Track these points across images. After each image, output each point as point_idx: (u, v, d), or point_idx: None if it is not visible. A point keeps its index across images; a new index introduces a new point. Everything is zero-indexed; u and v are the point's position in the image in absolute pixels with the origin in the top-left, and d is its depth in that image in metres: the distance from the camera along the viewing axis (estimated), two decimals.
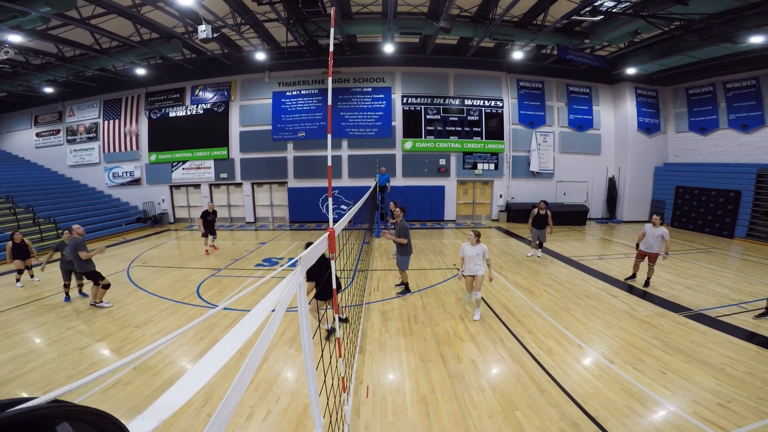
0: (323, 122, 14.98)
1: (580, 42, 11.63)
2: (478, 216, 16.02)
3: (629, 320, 5.52)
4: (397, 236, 6.36)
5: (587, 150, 15.67)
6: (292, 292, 1.61)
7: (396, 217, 6.78)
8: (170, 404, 0.73)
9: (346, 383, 3.31)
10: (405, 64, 14.71)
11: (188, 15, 10.28)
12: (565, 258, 9.38)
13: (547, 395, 3.73)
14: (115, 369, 0.72)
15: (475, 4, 10.73)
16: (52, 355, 4.70)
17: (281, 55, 13.83)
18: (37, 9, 8.04)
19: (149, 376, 4.14)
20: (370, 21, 11.38)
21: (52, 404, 0.46)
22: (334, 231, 2.48)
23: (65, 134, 17.04)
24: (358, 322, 5.43)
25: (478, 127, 15.13)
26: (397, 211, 6.74)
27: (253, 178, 15.66)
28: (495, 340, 4.95)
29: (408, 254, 6.51)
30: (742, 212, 12.06)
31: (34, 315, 6.09)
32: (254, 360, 1.08)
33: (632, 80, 14.88)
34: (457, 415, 3.45)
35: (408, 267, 6.72)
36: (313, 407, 2.02)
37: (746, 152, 12.77)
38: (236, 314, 5.84)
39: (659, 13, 9.18)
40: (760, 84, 12.29)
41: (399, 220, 6.61)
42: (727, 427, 3.21)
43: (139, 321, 5.76)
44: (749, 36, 9.54)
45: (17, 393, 3.94)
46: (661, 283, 7.23)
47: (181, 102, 15.68)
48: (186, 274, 8.35)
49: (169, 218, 16.50)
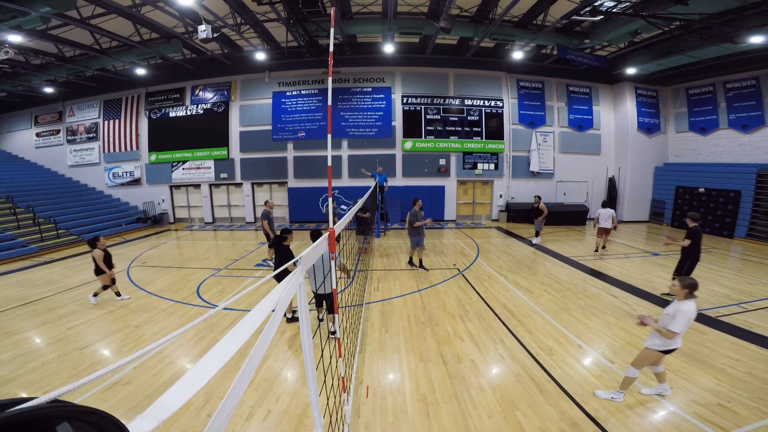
0: (323, 122, 14.97)
1: (580, 42, 11.63)
2: (478, 216, 16.03)
3: (629, 320, 5.52)
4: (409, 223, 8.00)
5: (587, 150, 15.67)
6: (292, 292, 1.61)
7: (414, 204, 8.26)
8: (170, 404, 0.73)
9: (346, 383, 3.31)
10: (405, 64, 14.71)
11: (188, 15, 10.28)
12: (565, 258, 9.38)
13: (547, 395, 3.73)
14: (115, 369, 0.72)
15: (475, 4, 10.72)
16: (52, 355, 4.70)
17: (281, 55, 13.83)
18: (37, 9, 8.04)
19: (149, 376, 4.14)
20: (370, 21, 11.38)
21: (52, 404, 0.46)
22: (334, 231, 2.48)
23: (65, 134, 17.04)
24: (358, 322, 5.43)
25: (478, 127, 15.13)
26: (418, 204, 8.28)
27: (253, 178, 15.66)
28: (495, 340, 4.95)
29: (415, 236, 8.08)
30: (742, 212, 12.05)
31: (34, 315, 6.09)
32: (254, 360, 1.08)
33: (632, 80, 14.88)
34: (457, 415, 3.45)
35: (414, 246, 8.24)
36: (313, 407, 2.02)
37: (746, 152, 12.77)
38: (236, 314, 5.84)
39: (659, 13, 9.18)
40: (760, 84, 12.29)
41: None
42: (727, 427, 3.21)
43: (139, 321, 5.76)
44: (749, 36, 9.54)
45: (17, 393, 3.94)
46: (661, 284, 7.23)
47: (181, 102, 15.68)
48: (186, 274, 8.35)
49: (169, 218, 16.49)
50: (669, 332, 3.16)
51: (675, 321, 3.14)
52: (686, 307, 3.15)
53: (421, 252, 8.28)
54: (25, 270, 9.10)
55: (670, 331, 3.16)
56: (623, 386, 3.56)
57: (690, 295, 3.22)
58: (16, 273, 8.86)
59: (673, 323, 3.15)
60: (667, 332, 3.17)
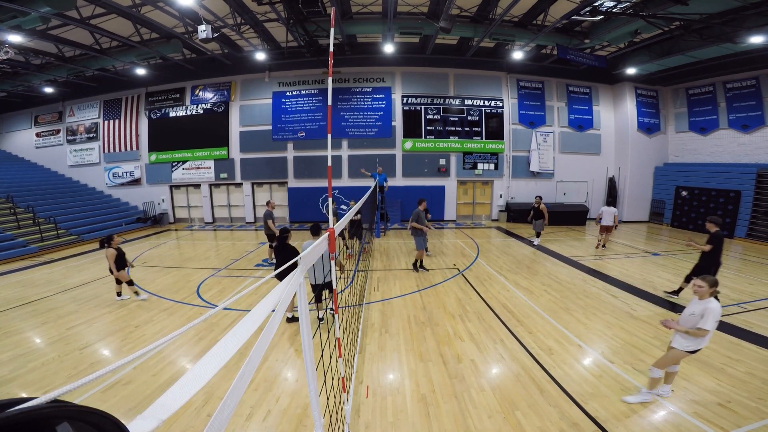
0: (323, 122, 14.98)
1: (580, 42, 11.63)
2: (478, 216, 16.03)
3: (629, 320, 5.52)
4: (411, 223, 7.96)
5: (587, 150, 15.67)
6: (292, 292, 1.61)
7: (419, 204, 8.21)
8: (170, 404, 0.73)
9: (346, 383, 3.31)
10: (405, 64, 14.71)
11: (188, 15, 10.28)
12: (565, 258, 9.38)
13: (547, 395, 3.73)
14: (115, 369, 0.72)
15: (475, 4, 10.72)
16: (52, 355, 4.70)
17: (281, 55, 13.83)
18: (37, 9, 8.04)
19: (149, 376, 4.14)
20: (370, 21, 11.38)
21: (52, 404, 0.46)
22: (334, 231, 2.48)
23: (65, 134, 17.04)
24: (358, 322, 5.43)
25: (478, 127, 15.13)
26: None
27: (253, 178, 15.66)
28: (495, 340, 4.95)
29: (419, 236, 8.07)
30: (742, 212, 12.05)
31: (34, 315, 6.09)
32: (254, 360, 1.08)
33: (632, 80, 14.88)
34: (457, 415, 3.45)
35: (420, 248, 8.15)
36: (313, 407, 2.02)
37: (746, 152, 12.77)
38: (236, 314, 5.84)
39: (659, 13, 9.18)
40: (760, 84, 12.28)
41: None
42: (727, 427, 3.21)
43: (139, 321, 5.76)
44: (749, 36, 9.54)
45: (17, 393, 3.94)
46: (661, 284, 7.23)
47: (181, 102, 15.68)
48: (186, 274, 8.35)
49: (169, 218, 16.49)
50: (701, 331, 3.22)
51: (705, 320, 3.21)
52: (714, 305, 3.23)
53: (422, 253, 8.27)
54: (25, 270, 9.10)
55: (702, 330, 3.23)
56: (650, 387, 3.61)
57: (714, 293, 3.33)
58: (16, 273, 8.86)
59: (703, 322, 3.22)
60: (698, 331, 3.23)
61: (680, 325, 3.37)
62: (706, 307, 3.23)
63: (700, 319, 3.24)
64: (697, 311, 3.29)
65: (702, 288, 3.33)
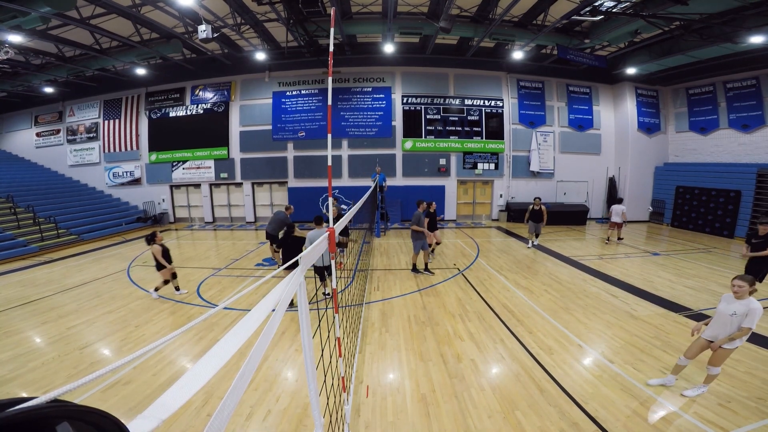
0: (323, 122, 14.97)
1: (580, 42, 11.63)
2: (478, 216, 16.03)
3: (629, 320, 5.53)
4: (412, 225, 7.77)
5: (587, 150, 15.67)
6: (293, 292, 1.61)
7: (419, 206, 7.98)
8: (170, 404, 0.73)
9: (346, 383, 3.31)
10: (405, 64, 14.71)
11: (188, 15, 10.28)
12: (565, 258, 9.38)
13: (547, 395, 3.73)
14: (115, 369, 0.72)
15: (475, 4, 10.72)
16: (52, 354, 4.70)
17: (281, 55, 13.83)
18: (37, 9, 8.03)
19: (149, 376, 4.14)
20: (370, 21, 11.37)
21: (52, 404, 0.46)
22: (334, 231, 2.48)
23: (65, 134, 17.04)
24: (358, 322, 5.43)
25: (478, 127, 15.13)
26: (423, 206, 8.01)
27: (253, 177, 15.66)
28: (495, 340, 4.95)
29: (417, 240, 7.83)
30: (742, 212, 12.04)
31: (34, 314, 6.09)
32: (254, 360, 1.08)
33: (632, 80, 14.87)
34: (457, 415, 3.45)
35: (416, 251, 7.91)
36: (313, 407, 2.02)
37: (746, 152, 12.76)
38: (236, 314, 5.84)
39: (659, 13, 9.18)
40: (760, 84, 12.27)
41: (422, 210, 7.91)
42: (727, 427, 3.21)
43: (139, 321, 5.76)
44: (749, 36, 9.53)
45: (17, 393, 3.94)
46: (661, 284, 7.23)
47: (181, 102, 15.68)
48: (186, 273, 8.35)
49: (170, 218, 16.50)
50: (747, 330, 3.32)
51: (751, 319, 3.29)
52: (757, 305, 3.31)
53: (426, 255, 8.01)
54: (25, 270, 9.11)
55: (746, 329, 3.33)
56: (707, 381, 3.71)
57: (753, 292, 3.42)
58: (16, 273, 8.86)
59: (749, 321, 3.30)
60: (746, 330, 3.33)
61: (717, 325, 3.50)
62: (750, 307, 3.32)
63: (744, 318, 3.33)
64: (740, 311, 3.36)
65: (742, 288, 3.40)
